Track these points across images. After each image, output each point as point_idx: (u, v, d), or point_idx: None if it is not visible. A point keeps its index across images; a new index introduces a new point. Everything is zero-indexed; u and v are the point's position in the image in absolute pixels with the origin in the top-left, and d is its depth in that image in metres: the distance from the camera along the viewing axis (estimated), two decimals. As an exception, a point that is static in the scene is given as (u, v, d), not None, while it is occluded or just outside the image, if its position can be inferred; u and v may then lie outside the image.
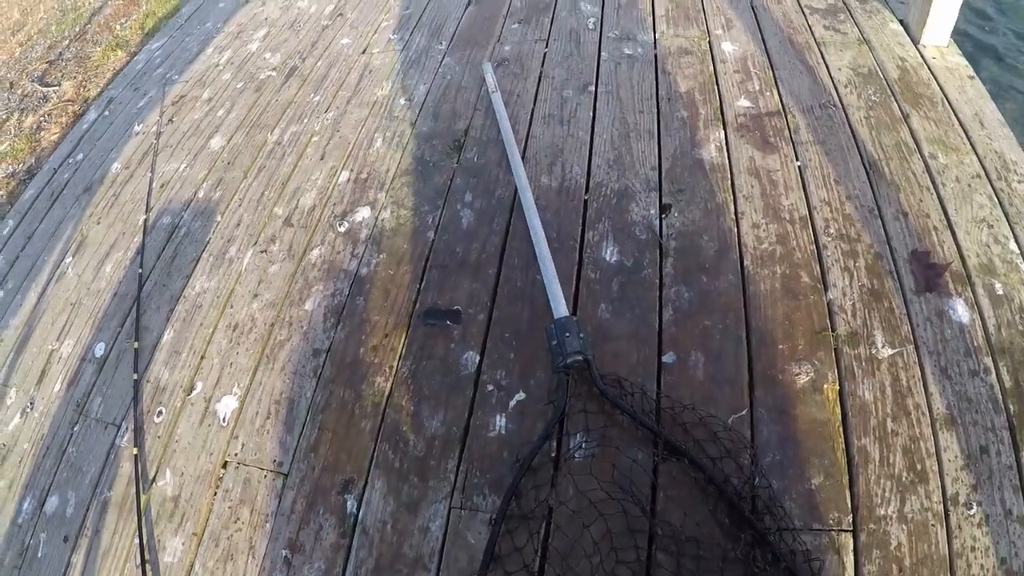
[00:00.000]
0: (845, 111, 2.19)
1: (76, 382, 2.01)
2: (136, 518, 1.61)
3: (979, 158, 1.98)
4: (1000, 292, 1.63)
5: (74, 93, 3.79)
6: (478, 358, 1.70)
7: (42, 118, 3.64)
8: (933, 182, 1.92)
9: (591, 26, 2.86)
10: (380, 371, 1.72)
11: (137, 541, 1.57)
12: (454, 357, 1.71)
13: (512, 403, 1.60)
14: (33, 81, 4.00)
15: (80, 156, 2.98)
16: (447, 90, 2.63)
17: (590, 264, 1.87)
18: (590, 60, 2.65)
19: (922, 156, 2.00)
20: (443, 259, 1.95)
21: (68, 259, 2.43)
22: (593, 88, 2.49)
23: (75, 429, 1.89)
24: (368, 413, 1.65)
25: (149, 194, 2.56)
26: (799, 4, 2.76)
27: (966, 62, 2.36)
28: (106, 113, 3.21)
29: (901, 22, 2.57)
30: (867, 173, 1.96)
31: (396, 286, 1.91)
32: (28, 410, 1.99)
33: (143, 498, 1.66)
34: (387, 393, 1.68)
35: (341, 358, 1.78)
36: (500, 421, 1.58)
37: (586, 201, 2.05)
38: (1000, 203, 1.84)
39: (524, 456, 1.44)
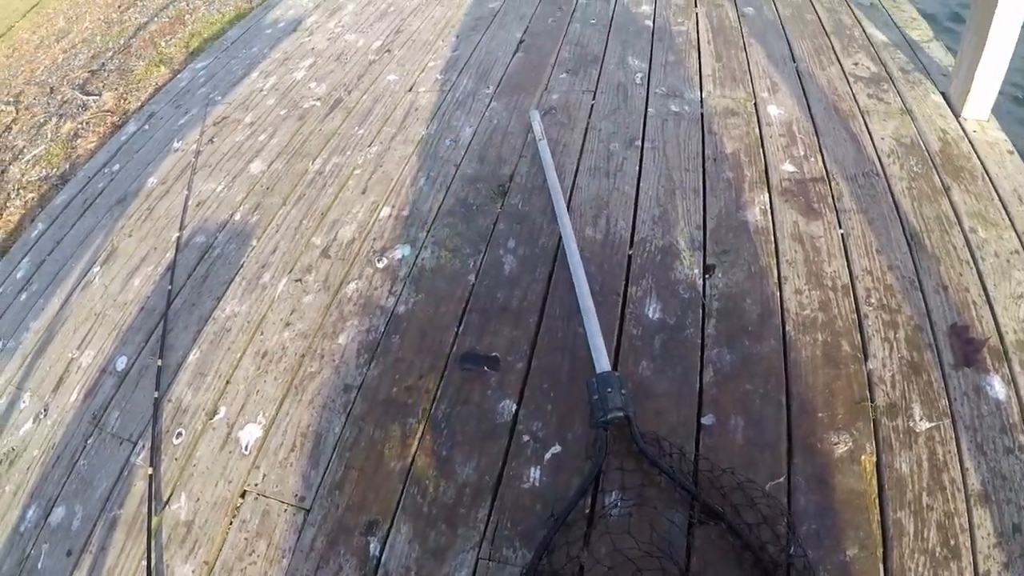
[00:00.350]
0: (888, 181, 2.25)
1: (94, 393, 2.03)
2: (146, 539, 1.62)
3: (1018, 234, 2.03)
4: (1035, 369, 1.65)
5: (114, 104, 3.93)
6: (515, 407, 1.72)
7: (80, 125, 3.77)
8: (973, 256, 1.97)
9: (638, 81, 2.97)
10: (413, 412, 1.74)
11: (145, 563, 1.58)
12: (490, 404, 1.74)
13: (547, 455, 1.62)
14: (74, 88, 4.15)
15: (116, 167, 3.07)
16: (493, 134, 2.72)
17: (632, 320, 1.90)
18: (637, 115, 2.75)
19: (962, 229, 2.06)
20: (483, 304, 1.99)
21: (96, 268, 2.48)
22: (639, 143, 2.57)
23: (89, 441, 1.91)
24: (398, 454, 1.67)
25: (184, 211, 2.63)
26: (843, 72, 2.87)
27: (1005, 137, 2.45)
28: (146, 127, 3.32)
29: (943, 94, 2.67)
30: (908, 244, 2.01)
31: (434, 327, 1.94)
32: (41, 416, 2.02)
33: (155, 519, 1.67)
34: (419, 435, 1.70)
35: (373, 396, 1.80)
36: (534, 473, 1.59)
37: (630, 256, 2.10)
38: (1039, 279, 1.89)
39: (559, 511, 1.45)
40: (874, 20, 3.29)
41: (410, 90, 3.14)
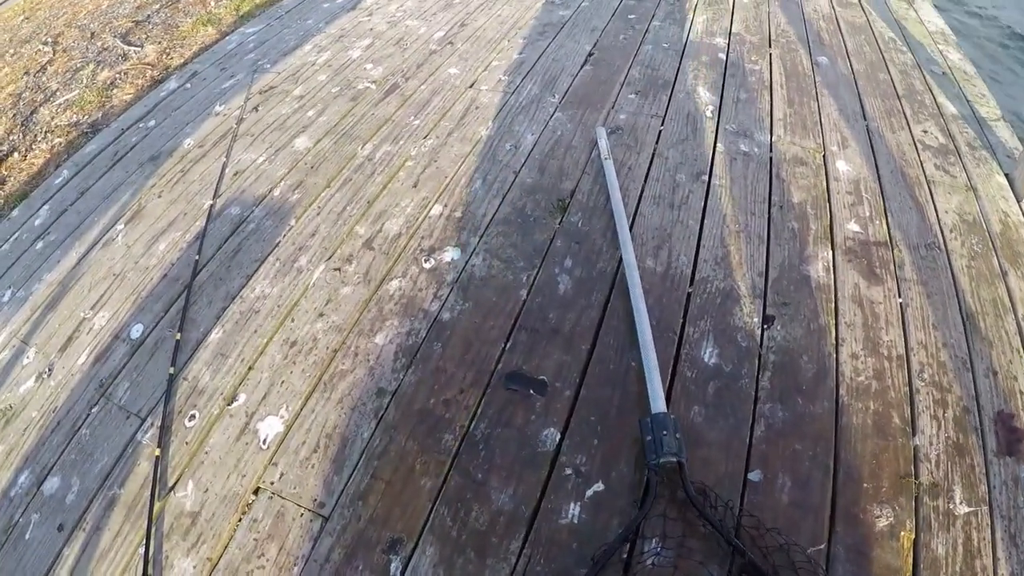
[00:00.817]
0: (948, 256, 2.27)
1: (104, 359, 2.00)
2: (146, 525, 1.58)
3: None
4: (1073, 467, 1.65)
5: (155, 57, 3.93)
6: (559, 437, 1.69)
7: (118, 75, 3.77)
8: None
9: (709, 114, 2.95)
10: (450, 428, 1.70)
11: (142, 551, 1.54)
12: (533, 430, 1.70)
13: (589, 492, 1.58)
14: (115, 37, 4.16)
15: (152, 123, 3.06)
16: (556, 146, 2.70)
17: (687, 361, 1.87)
18: (706, 148, 2.73)
19: (1016, 317, 2.06)
20: (534, 322, 1.95)
21: (120, 226, 2.46)
22: (707, 178, 2.55)
23: (93, 410, 1.88)
24: (430, 471, 1.62)
25: (220, 179, 2.62)
26: (912, 138, 2.89)
27: None
28: (188, 86, 3.32)
29: (1007, 176, 2.69)
30: (964, 324, 2.02)
31: (480, 340, 1.91)
32: (45, 376, 1.99)
33: (157, 505, 1.63)
34: (454, 453, 1.66)
35: (408, 404, 1.76)
36: (574, 509, 1.55)
37: (689, 294, 2.07)
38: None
39: (599, 555, 1.42)
40: (945, 90, 3.33)
41: (471, 86, 3.13)
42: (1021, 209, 2.52)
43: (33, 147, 3.32)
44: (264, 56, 3.53)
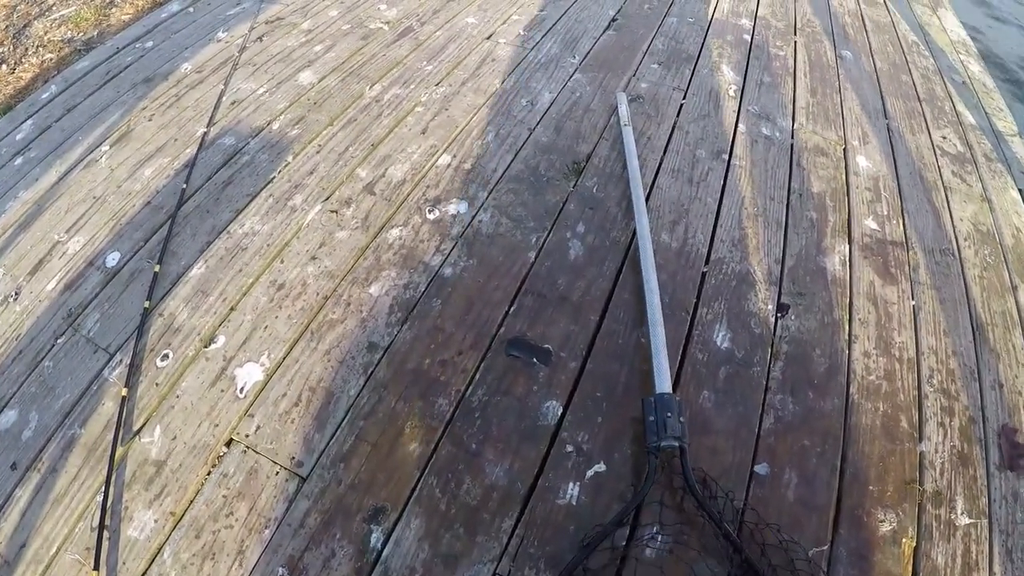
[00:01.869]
0: (962, 264, 2.22)
1: (75, 287, 1.83)
2: (106, 471, 1.42)
3: None
4: (1074, 483, 1.62)
5: (158, -22, 3.68)
6: (561, 411, 1.55)
7: (117, -6, 3.52)
8: None
9: (732, 93, 2.80)
10: (445, 392, 1.55)
11: (100, 499, 1.38)
12: (534, 402, 1.56)
13: (590, 472, 1.46)
14: (117, -48, 3.89)
15: (150, 44, 2.84)
16: (574, 107, 2.52)
17: (699, 343, 1.75)
18: (727, 127, 2.58)
19: (1023, 332, 2.03)
20: (541, 287, 1.79)
21: (105, 147, 2.27)
22: (727, 157, 2.41)
23: (59, 341, 1.70)
24: (420, 436, 1.47)
25: (216, 107, 2.42)
26: (931, 141, 2.83)
27: None
28: (190, 9, 3.09)
29: (1021, 192, 2.67)
30: (974, 333, 1.98)
31: (482, 301, 1.75)
32: (11, 300, 1.82)
33: (120, 450, 1.47)
34: (448, 419, 1.51)
35: (401, 362, 1.60)
36: (572, 489, 1.43)
37: (704, 273, 1.94)
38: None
39: (592, 538, 1.32)
40: (964, 99, 3.27)
41: (489, 38, 2.93)
42: None
43: (23, 61, 3.09)
44: (273, -15, 3.29)
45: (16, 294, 1.82)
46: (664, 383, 1.55)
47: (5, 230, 2.00)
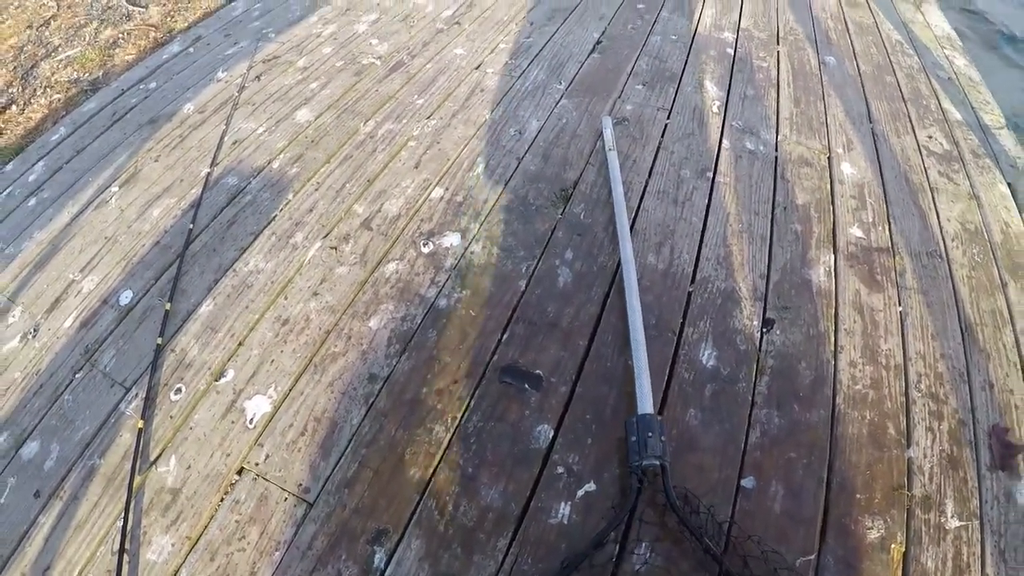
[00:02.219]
0: (950, 265, 2.25)
1: (91, 324, 1.93)
2: (125, 498, 1.52)
3: None
4: (1067, 480, 1.65)
5: (159, 20, 3.81)
6: (552, 434, 1.64)
7: (120, 35, 3.65)
8: (1021, 358, 1.97)
9: (715, 109, 2.89)
10: (441, 419, 1.65)
11: (120, 524, 1.48)
12: (526, 426, 1.65)
13: (580, 492, 1.54)
14: (120, -6, 4.03)
15: (153, 84, 2.96)
16: (561, 133, 2.62)
17: (685, 362, 1.83)
18: (711, 145, 2.67)
19: (1014, 329, 2.06)
20: (532, 314, 1.89)
21: (114, 188, 2.38)
22: (711, 175, 2.49)
23: (77, 375, 1.81)
24: (419, 462, 1.57)
25: (219, 147, 2.53)
26: (917, 143, 2.87)
27: None
28: (191, 50, 3.21)
29: (1010, 185, 2.69)
30: (963, 335, 2.01)
31: (476, 330, 1.85)
32: (30, 337, 1.92)
33: (137, 479, 1.57)
34: (445, 445, 1.60)
35: (400, 392, 1.70)
36: (564, 509, 1.51)
37: (690, 293, 2.02)
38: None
39: (570, 559, 1.39)
40: (950, 95, 3.32)
41: (477, 68, 3.04)
42: (1023, 219, 2.50)
43: (32, 101, 3.20)
44: (269, 25, 3.41)
45: (35, 331, 1.92)
46: (646, 404, 1.63)
47: (22, 269, 2.10)
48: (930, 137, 2.92)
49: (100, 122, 2.75)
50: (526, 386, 1.72)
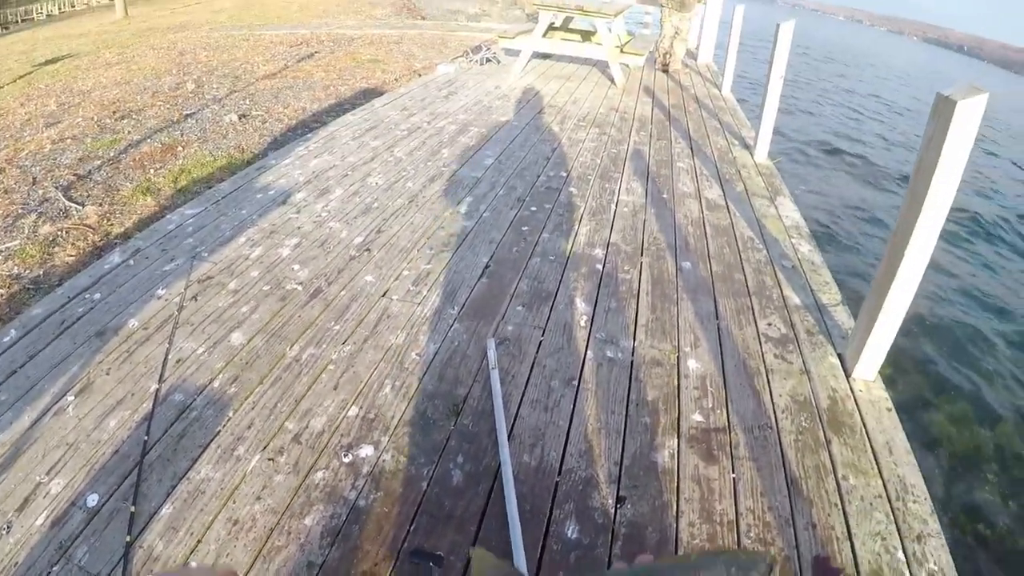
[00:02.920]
0: (779, 434, 2.77)
1: (62, 523, 2.35)
2: None
3: (883, 481, 2.54)
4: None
5: (96, 221, 4.37)
6: (451, 604, 2.22)
7: (59, 232, 4.15)
8: (841, 500, 2.44)
9: (583, 324, 3.62)
10: (367, 596, 2.25)
11: None
12: (432, 598, 2.26)
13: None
14: (57, 189, 4.56)
15: (97, 296, 3.54)
16: (453, 355, 3.39)
17: (554, 537, 2.41)
18: (577, 356, 3.37)
19: (836, 477, 2.54)
20: (432, 509, 2.53)
21: (71, 398, 2.89)
22: (576, 383, 3.17)
23: (54, 568, 2.21)
24: (351, 634, 2.15)
25: (164, 364, 3.12)
26: (758, 332, 3.48)
27: (887, 395, 3.05)
28: (131, 262, 3.84)
29: (839, 355, 3.28)
30: (788, 488, 2.47)
31: (389, 523, 2.47)
32: (4, 532, 2.29)
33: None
34: (370, 619, 2.20)
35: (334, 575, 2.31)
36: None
37: (557, 483, 2.65)
38: (895, 520, 2.37)
39: None
40: (792, 283, 3.99)
41: (384, 295, 3.82)
42: (849, 384, 3.08)
43: (-26, 293, 3.60)
44: (202, 243, 4.10)
45: (8, 528, 2.31)
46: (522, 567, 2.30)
47: (-12, 470, 2.54)
48: (769, 324, 3.54)
49: (49, 329, 3.26)
50: (431, 564, 2.29)
